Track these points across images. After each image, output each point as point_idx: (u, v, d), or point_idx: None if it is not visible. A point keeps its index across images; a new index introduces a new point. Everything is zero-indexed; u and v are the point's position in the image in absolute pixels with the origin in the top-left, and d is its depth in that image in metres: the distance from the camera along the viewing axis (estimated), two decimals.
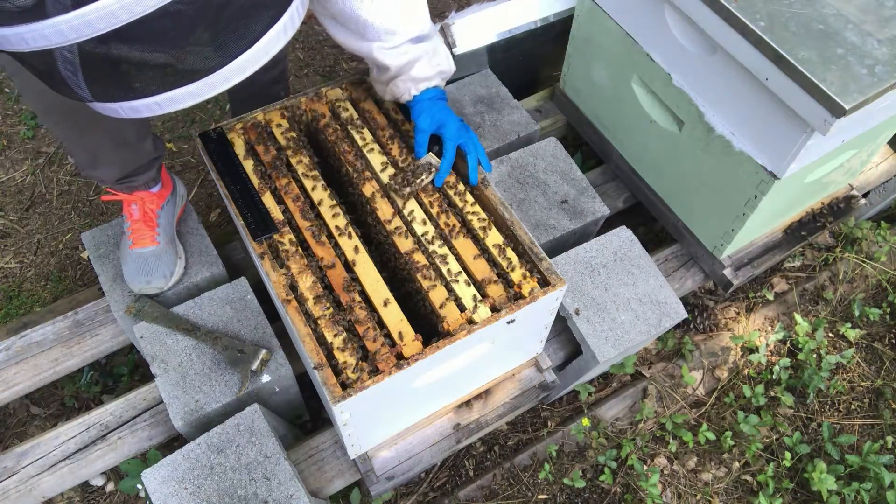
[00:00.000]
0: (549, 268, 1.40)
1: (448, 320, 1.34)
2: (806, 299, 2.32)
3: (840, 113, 1.37)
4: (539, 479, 1.94)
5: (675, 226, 2.07)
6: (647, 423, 2.05)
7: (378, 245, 1.55)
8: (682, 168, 1.91)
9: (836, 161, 1.83)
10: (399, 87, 1.50)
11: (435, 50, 1.48)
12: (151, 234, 1.73)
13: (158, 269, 1.73)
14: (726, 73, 1.62)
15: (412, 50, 1.43)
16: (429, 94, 1.51)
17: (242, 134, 1.58)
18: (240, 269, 1.96)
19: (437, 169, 1.50)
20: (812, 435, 2.07)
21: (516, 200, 1.98)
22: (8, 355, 1.83)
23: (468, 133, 1.52)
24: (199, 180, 2.56)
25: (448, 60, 1.53)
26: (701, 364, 2.16)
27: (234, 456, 1.53)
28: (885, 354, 2.23)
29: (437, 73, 1.50)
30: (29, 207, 2.48)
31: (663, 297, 1.83)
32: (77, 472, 1.73)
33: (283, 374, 1.65)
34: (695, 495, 1.95)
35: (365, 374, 1.26)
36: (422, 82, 1.49)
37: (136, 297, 1.74)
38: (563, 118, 2.36)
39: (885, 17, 1.50)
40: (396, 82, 1.49)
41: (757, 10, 1.49)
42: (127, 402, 1.79)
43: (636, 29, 1.83)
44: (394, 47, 1.42)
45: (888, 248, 2.37)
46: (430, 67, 1.48)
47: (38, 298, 2.26)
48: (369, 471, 1.64)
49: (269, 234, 1.43)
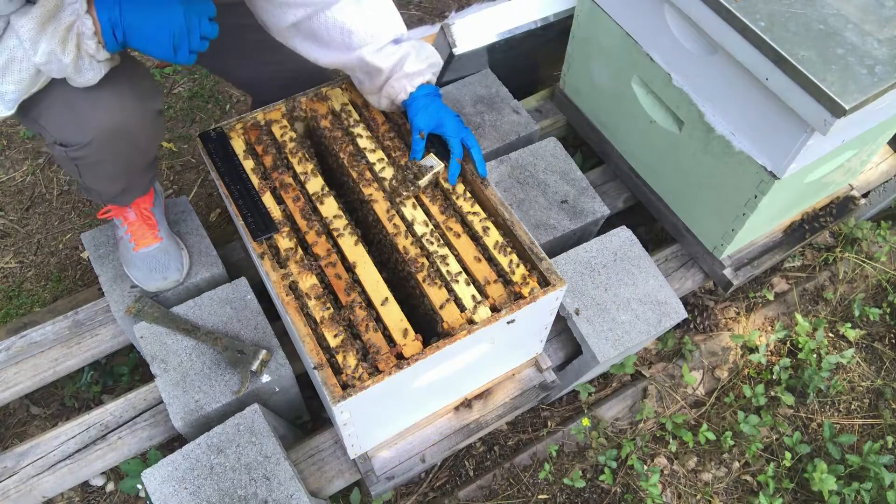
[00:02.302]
0: (549, 268, 1.40)
1: (448, 320, 1.34)
2: (806, 299, 2.32)
3: (840, 113, 1.37)
4: (539, 479, 1.94)
5: (675, 226, 2.07)
6: (647, 423, 2.05)
7: (378, 245, 1.55)
8: (682, 168, 1.91)
9: (836, 161, 1.83)
10: (394, 87, 1.51)
11: (420, 45, 1.53)
12: (152, 232, 1.73)
13: (170, 262, 1.74)
14: (726, 73, 1.62)
15: (398, 49, 1.48)
16: (424, 91, 1.52)
17: (242, 134, 1.58)
18: (240, 269, 1.96)
19: (440, 169, 1.50)
20: (812, 435, 2.07)
21: (516, 200, 1.98)
22: (8, 355, 1.83)
23: (466, 130, 1.53)
24: (199, 180, 2.56)
25: (435, 53, 1.56)
26: (701, 364, 2.16)
27: (234, 456, 1.53)
28: (885, 354, 2.23)
29: (428, 66, 1.53)
30: (29, 207, 2.48)
31: (663, 297, 1.83)
32: (77, 472, 1.73)
33: (283, 374, 1.65)
34: (695, 495, 1.95)
35: (365, 374, 1.26)
36: (416, 77, 1.51)
37: (137, 298, 1.74)
38: (563, 118, 2.36)
39: (885, 17, 1.50)
40: (391, 82, 1.51)
41: (757, 10, 1.49)
42: (127, 402, 1.79)
43: (636, 29, 1.83)
44: (381, 48, 1.47)
45: (888, 248, 2.37)
46: (420, 61, 1.51)
47: (38, 298, 2.26)
48: (369, 471, 1.64)
49: (269, 234, 1.43)
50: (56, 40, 1.17)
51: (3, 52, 1.17)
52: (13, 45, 1.16)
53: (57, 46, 1.17)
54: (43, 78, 1.26)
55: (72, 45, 1.19)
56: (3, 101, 1.24)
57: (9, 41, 1.16)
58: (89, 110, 1.37)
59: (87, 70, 1.27)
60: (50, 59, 1.19)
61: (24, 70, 1.20)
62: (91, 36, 1.20)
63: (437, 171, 1.50)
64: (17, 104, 1.27)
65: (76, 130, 1.39)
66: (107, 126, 1.40)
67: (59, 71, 1.23)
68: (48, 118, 1.38)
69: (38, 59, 1.18)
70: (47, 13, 1.15)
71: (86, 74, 1.27)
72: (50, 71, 1.22)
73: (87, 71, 1.27)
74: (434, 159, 1.51)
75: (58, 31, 1.16)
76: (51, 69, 1.22)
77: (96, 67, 1.28)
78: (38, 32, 1.15)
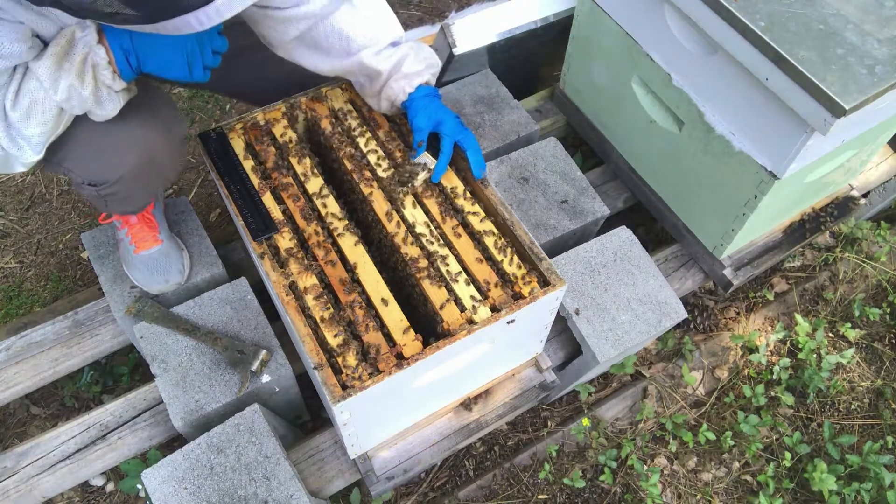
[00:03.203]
0: (549, 268, 1.40)
1: (448, 320, 1.34)
2: (806, 299, 2.32)
3: (840, 113, 1.37)
4: (539, 479, 1.94)
5: (675, 226, 2.07)
6: (647, 423, 2.05)
7: (378, 245, 1.55)
8: (682, 168, 1.91)
9: (836, 161, 1.83)
10: (393, 89, 1.51)
11: (418, 46, 1.54)
12: (153, 234, 1.73)
13: (171, 265, 1.74)
14: (726, 73, 1.62)
15: (396, 51, 1.49)
16: (423, 92, 1.53)
17: (242, 134, 1.58)
18: (240, 269, 1.96)
19: (433, 167, 1.50)
20: (812, 435, 2.07)
21: (516, 200, 1.98)
22: (8, 355, 1.83)
23: (466, 130, 1.53)
24: (199, 180, 2.56)
25: (433, 54, 1.56)
26: (701, 364, 2.16)
27: (234, 456, 1.53)
28: (885, 354, 2.23)
29: (426, 67, 1.54)
30: (29, 207, 2.48)
31: (663, 297, 1.83)
32: (77, 472, 1.73)
33: (283, 374, 1.65)
34: (695, 495, 1.95)
35: (365, 374, 1.26)
36: (414, 78, 1.52)
37: (137, 298, 1.74)
38: (563, 118, 2.36)
39: (885, 17, 1.50)
40: (390, 84, 1.51)
41: (757, 10, 1.49)
42: (127, 402, 1.79)
43: (636, 29, 1.83)
44: (379, 51, 1.48)
45: (888, 248, 2.37)
46: (418, 62, 1.52)
47: (38, 298, 2.26)
48: (369, 471, 1.64)
49: (269, 234, 1.43)
50: (73, 74, 1.17)
51: (24, 96, 1.17)
52: (33, 87, 1.17)
53: (75, 80, 1.18)
54: (66, 117, 1.27)
55: (89, 76, 1.20)
56: (31, 144, 1.24)
57: (29, 84, 1.17)
58: (116, 147, 1.38)
59: (107, 101, 1.27)
60: (70, 93, 1.19)
61: (48, 111, 1.20)
62: (106, 66, 1.20)
63: (432, 168, 1.51)
64: (44, 147, 1.27)
65: (106, 169, 1.40)
66: (135, 161, 1.41)
67: (80, 106, 1.23)
68: (74, 160, 1.38)
69: (60, 96, 1.18)
70: (62, 50, 1.15)
71: (106, 106, 1.27)
72: (72, 107, 1.23)
73: (106, 102, 1.27)
74: (429, 158, 1.51)
75: (73, 66, 1.17)
76: (72, 105, 1.22)
77: (114, 98, 1.28)
78: (56, 70, 1.16)
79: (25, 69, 1.17)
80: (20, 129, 1.20)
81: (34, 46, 1.14)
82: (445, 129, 1.51)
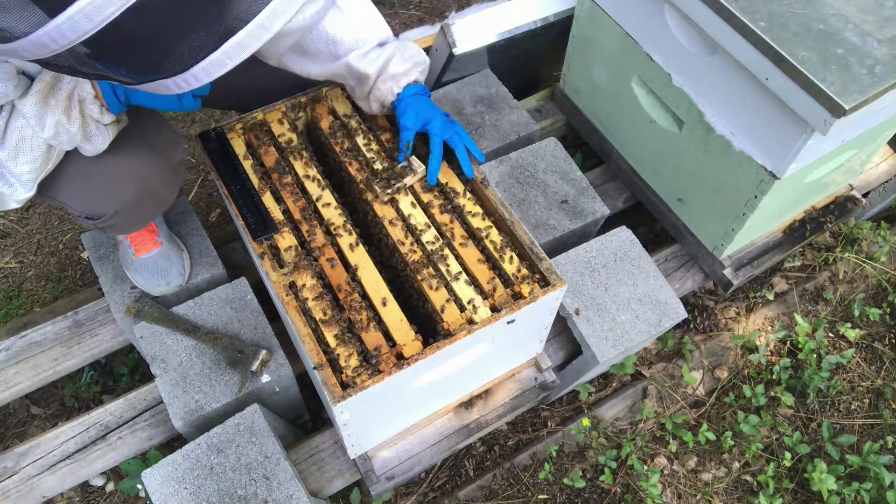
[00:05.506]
0: (549, 268, 1.40)
1: (448, 320, 1.34)
2: (806, 299, 2.32)
3: (840, 113, 1.37)
4: (539, 479, 1.94)
5: (675, 226, 2.07)
6: (647, 423, 2.05)
7: (378, 245, 1.55)
8: (682, 168, 1.91)
9: (836, 161, 1.83)
10: (381, 90, 1.51)
11: (404, 45, 1.52)
12: (152, 237, 1.73)
13: (171, 267, 1.74)
14: (726, 73, 1.62)
15: (383, 52, 1.48)
16: (412, 91, 1.52)
17: (242, 134, 1.58)
18: (240, 269, 1.96)
19: (420, 170, 1.50)
20: (812, 435, 2.07)
21: (516, 200, 1.98)
22: (8, 355, 1.83)
23: (454, 127, 1.52)
24: (199, 180, 2.56)
25: (420, 52, 1.55)
26: (701, 364, 2.16)
27: (234, 456, 1.53)
28: (885, 354, 2.23)
29: (413, 66, 1.52)
30: (29, 207, 2.48)
31: (663, 297, 1.83)
32: (77, 472, 1.73)
33: (283, 374, 1.65)
34: (695, 495, 1.95)
35: (365, 374, 1.26)
36: (401, 77, 1.51)
37: (137, 298, 1.74)
38: (563, 118, 2.36)
39: (885, 17, 1.50)
40: (378, 85, 1.51)
41: (757, 10, 1.49)
42: (127, 402, 1.79)
43: (636, 29, 1.83)
44: (367, 53, 1.47)
45: (888, 248, 2.37)
46: (404, 61, 1.51)
47: (38, 298, 2.26)
48: (369, 471, 1.64)
49: (269, 234, 1.43)
50: (60, 110, 1.16)
51: (12, 134, 1.16)
52: (21, 124, 1.16)
53: (62, 116, 1.17)
54: (56, 154, 1.26)
55: (76, 112, 1.19)
56: (21, 182, 1.23)
57: (16, 122, 1.15)
58: (111, 181, 1.37)
59: (96, 136, 1.26)
60: (58, 130, 1.18)
61: (36, 148, 1.19)
62: (93, 100, 1.19)
63: (419, 173, 1.50)
64: (35, 184, 1.26)
65: (101, 203, 1.40)
66: (131, 194, 1.40)
67: (69, 141, 1.22)
68: (69, 195, 1.38)
69: (47, 133, 1.17)
70: (47, 86, 1.14)
71: (95, 141, 1.26)
72: (60, 143, 1.22)
73: (95, 137, 1.26)
74: (416, 161, 1.51)
75: (60, 101, 1.16)
76: (61, 141, 1.21)
77: (103, 132, 1.27)
78: (42, 107, 1.14)
79: (12, 107, 1.15)
80: (10, 167, 1.19)
81: (20, 84, 1.12)
82: (433, 128, 1.50)
